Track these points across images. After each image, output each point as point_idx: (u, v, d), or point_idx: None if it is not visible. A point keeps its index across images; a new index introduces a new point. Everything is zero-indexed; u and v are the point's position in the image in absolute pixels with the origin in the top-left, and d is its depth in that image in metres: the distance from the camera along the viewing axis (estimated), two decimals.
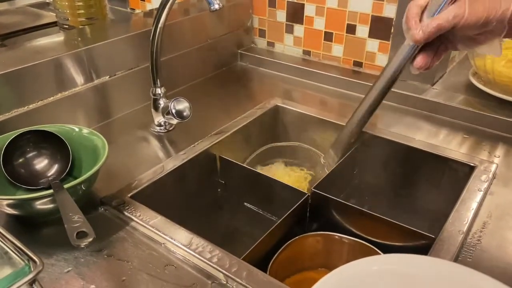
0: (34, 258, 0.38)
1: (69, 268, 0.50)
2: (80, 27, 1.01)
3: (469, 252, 0.53)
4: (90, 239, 0.41)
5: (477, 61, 0.83)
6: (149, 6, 1.27)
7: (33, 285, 0.41)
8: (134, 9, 1.32)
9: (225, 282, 0.48)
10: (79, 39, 0.80)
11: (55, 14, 1.25)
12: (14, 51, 0.75)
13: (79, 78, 0.76)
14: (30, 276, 0.36)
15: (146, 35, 0.81)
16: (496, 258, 0.52)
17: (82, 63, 0.76)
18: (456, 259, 0.51)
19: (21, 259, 0.39)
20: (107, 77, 0.79)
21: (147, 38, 0.72)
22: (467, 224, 0.56)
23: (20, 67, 0.67)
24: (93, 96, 0.78)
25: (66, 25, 1.03)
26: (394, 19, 0.87)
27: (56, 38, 0.83)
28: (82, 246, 0.41)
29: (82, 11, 1.01)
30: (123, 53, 0.81)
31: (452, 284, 0.40)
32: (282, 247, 0.60)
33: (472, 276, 0.40)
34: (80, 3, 1.00)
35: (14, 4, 1.42)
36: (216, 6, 0.58)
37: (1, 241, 0.41)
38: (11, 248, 0.39)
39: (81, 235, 0.42)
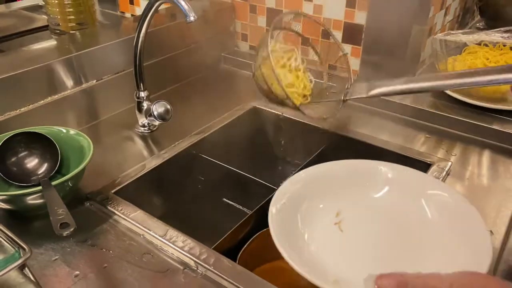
0: (23, 245, 0.44)
1: (57, 257, 0.55)
2: (71, 32, 1.06)
3: None
4: (72, 229, 0.47)
5: (441, 65, 0.89)
6: (138, 10, 1.32)
7: (23, 271, 0.47)
8: (124, 12, 1.37)
9: (195, 268, 0.54)
10: (70, 45, 0.86)
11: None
12: (7, 57, 0.80)
13: (68, 82, 0.81)
14: (20, 261, 0.42)
15: (133, 40, 0.86)
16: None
17: (72, 68, 0.81)
18: None
19: (12, 246, 0.44)
20: (94, 81, 0.85)
21: (131, 45, 0.77)
22: None
23: (13, 73, 0.73)
24: (82, 99, 0.83)
25: (57, 30, 1.08)
26: (364, 26, 0.93)
27: (47, 43, 0.88)
28: (64, 235, 0.47)
29: (73, 17, 1.06)
30: (110, 58, 0.86)
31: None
32: (251, 238, 0.66)
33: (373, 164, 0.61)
34: (71, 9, 1.05)
35: (9, 7, 1.47)
36: (192, 18, 0.63)
37: None
38: (3, 237, 0.45)
39: (64, 226, 0.48)
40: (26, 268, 0.47)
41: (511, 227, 0.60)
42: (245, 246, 0.65)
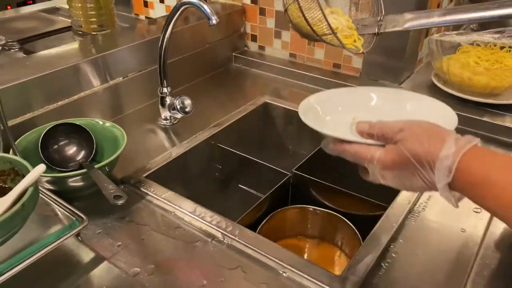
0: (82, 215, 0.52)
1: (100, 230, 0.63)
2: (93, 33, 1.14)
3: (414, 216, 0.67)
4: (124, 200, 0.55)
5: (436, 63, 0.97)
6: (151, 12, 1.40)
7: (78, 237, 0.55)
8: (138, 15, 1.45)
9: (222, 239, 0.62)
10: (95, 47, 0.94)
11: (66, 19, 1.38)
12: (42, 58, 0.88)
13: (95, 80, 0.89)
14: (80, 227, 0.50)
15: (152, 42, 0.95)
16: (435, 220, 0.66)
17: (99, 68, 0.89)
18: (402, 222, 0.65)
19: (72, 216, 0.52)
20: (121, 78, 0.93)
21: (152, 45, 0.85)
22: (414, 197, 0.70)
23: (49, 71, 0.81)
24: (108, 95, 0.91)
25: (80, 31, 1.16)
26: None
27: (74, 45, 0.96)
28: (119, 204, 0.55)
29: (94, 19, 1.14)
30: (132, 58, 0.94)
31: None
32: (267, 218, 0.74)
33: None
34: (93, 12, 1.13)
35: (24, 10, 1.55)
36: (214, 22, 0.71)
37: (55, 205, 0.54)
38: (64, 209, 0.53)
39: (117, 197, 0.56)
40: (79, 235, 0.55)
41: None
42: (261, 225, 0.73)
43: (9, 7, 2.39)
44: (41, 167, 0.49)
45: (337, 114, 0.63)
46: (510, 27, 0.98)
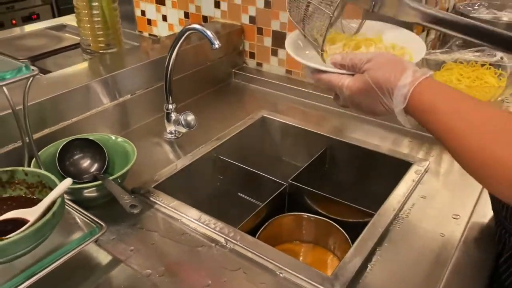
0: (101, 223, 0.58)
1: (114, 237, 0.70)
2: (101, 51, 1.21)
3: (399, 222, 0.74)
4: (140, 209, 0.62)
5: None
6: (155, 30, 1.48)
7: (96, 242, 0.62)
8: (142, 32, 1.53)
9: (225, 244, 0.69)
10: (105, 66, 1.01)
11: (73, 37, 1.46)
12: (56, 78, 0.95)
13: (105, 98, 0.96)
14: (100, 233, 0.57)
15: (157, 62, 1.02)
16: (418, 226, 0.73)
17: (108, 86, 0.96)
18: (388, 227, 0.72)
19: (92, 223, 0.59)
20: (129, 95, 1.00)
21: (157, 64, 0.92)
22: (400, 204, 0.77)
23: (64, 91, 0.88)
24: (117, 111, 0.98)
25: (88, 49, 1.23)
26: None
27: (86, 65, 1.03)
28: (135, 213, 0.61)
29: (102, 39, 1.21)
30: (140, 76, 1.01)
31: None
32: (265, 225, 0.80)
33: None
34: (100, 32, 1.20)
35: (34, 27, 1.62)
36: (217, 46, 0.78)
37: (75, 213, 0.61)
38: (85, 217, 0.59)
39: (132, 207, 0.62)
40: (98, 241, 0.62)
41: (473, 214, 0.75)
42: (260, 231, 0.80)
43: (14, 21, 2.48)
44: (68, 181, 0.56)
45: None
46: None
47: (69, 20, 1.64)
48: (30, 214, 0.55)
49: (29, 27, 1.63)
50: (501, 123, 0.47)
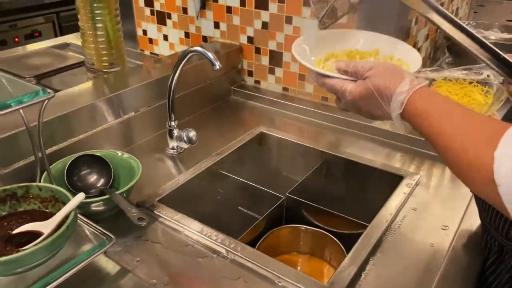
0: (110, 235, 0.62)
1: (120, 248, 0.73)
2: (105, 70, 1.26)
3: (391, 233, 0.78)
4: (147, 221, 0.65)
5: None
6: (156, 49, 1.53)
7: (105, 253, 0.65)
8: (143, 50, 1.58)
9: (226, 255, 0.72)
10: (110, 86, 1.06)
11: (77, 55, 1.51)
12: (63, 97, 0.99)
13: (110, 117, 1.00)
14: (110, 244, 0.61)
15: (159, 81, 1.07)
16: (409, 236, 0.77)
17: (113, 105, 1.01)
18: (380, 238, 0.76)
19: (101, 235, 0.62)
20: (133, 113, 1.04)
21: (159, 83, 0.96)
22: (392, 216, 0.81)
23: (71, 110, 0.92)
24: (122, 128, 1.03)
25: (92, 68, 1.28)
26: None
27: (91, 85, 1.08)
28: (143, 225, 0.65)
29: (106, 58, 1.26)
30: (143, 95, 1.06)
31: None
32: (264, 236, 0.84)
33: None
34: (104, 52, 1.25)
35: (38, 46, 1.67)
36: (217, 67, 0.83)
37: (86, 226, 0.65)
38: (95, 230, 0.63)
39: (140, 220, 0.66)
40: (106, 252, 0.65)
41: (461, 225, 0.79)
42: (259, 243, 0.83)
43: (16, 39, 2.53)
44: (81, 195, 0.60)
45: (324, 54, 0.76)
46: (476, 65, 1.12)
47: (72, 39, 1.69)
48: (45, 227, 0.59)
49: (33, 46, 1.69)
50: (484, 128, 0.51)
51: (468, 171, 0.51)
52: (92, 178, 0.86)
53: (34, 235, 0.58)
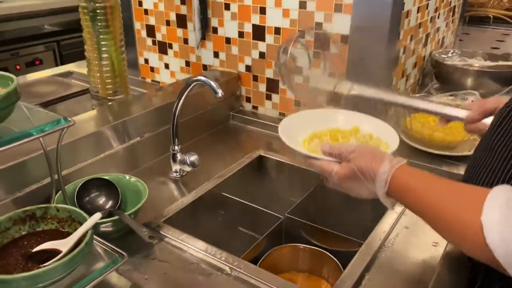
0: (122, 252, 0.66)
1: (129, 267, 0.77)
2: (109, 98, 1.32)
3: (385, 250, 0.82)
4: (157, 240, 0.70)
5: (402, 122, 1.16)
6: (157, 76, 1.60)
7: (117, 271, 0.69)
8: (145, 78, 1.64)
9: (230, 272, 0.76)
10: (115, 114, 1.11)
11: (80, 83, 1.57)
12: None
13: (115, 143, 1.06)
14: (122, 262, 0.65)
15: (162, 108, 1.13)
16: (402, 253, 0.82)
17: (119, 131, 1.06)
18: (375, 255, 0.80)
19: (114, 254, 0.67)
20: (138, 138, 1.09)
21: (162, 110, 1.02)
22: (385, 234, 0.86)
23: (79, 136, 0.97)
24: (127, 153, 1.08)
25: (97, 95, 1.34)
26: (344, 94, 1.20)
27: (97, 113, 1.13)
28: (154, 243, 0.69)
29: (110, 86, 1.32)
30: (147, 121, 1.12)
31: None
32: (264, 256, 0.88)
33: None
34: (109, 80, 1.31)
35: (42, 75, 1.73)
36: (220, 95, 0.89)
37: (98, 244, 0.69)
38: (107, 248, 0.67)
39: (151, 238, 0.70)
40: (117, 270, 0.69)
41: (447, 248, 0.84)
42: (259, 263, 0.87)
43: (18, 67, 2.59)
44: (98, 215, 0.65)
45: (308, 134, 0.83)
46: (461, 91, 1.19)
47: (74, 67, 1.76)
48: (63, 245, 0.63)
49: (37, 74, 1.74)
50: (463, 193, 0.57)
51: (452, 232, 0.56)
52: (101, 200, 0.90)
53: (53, 252, 0.62)
